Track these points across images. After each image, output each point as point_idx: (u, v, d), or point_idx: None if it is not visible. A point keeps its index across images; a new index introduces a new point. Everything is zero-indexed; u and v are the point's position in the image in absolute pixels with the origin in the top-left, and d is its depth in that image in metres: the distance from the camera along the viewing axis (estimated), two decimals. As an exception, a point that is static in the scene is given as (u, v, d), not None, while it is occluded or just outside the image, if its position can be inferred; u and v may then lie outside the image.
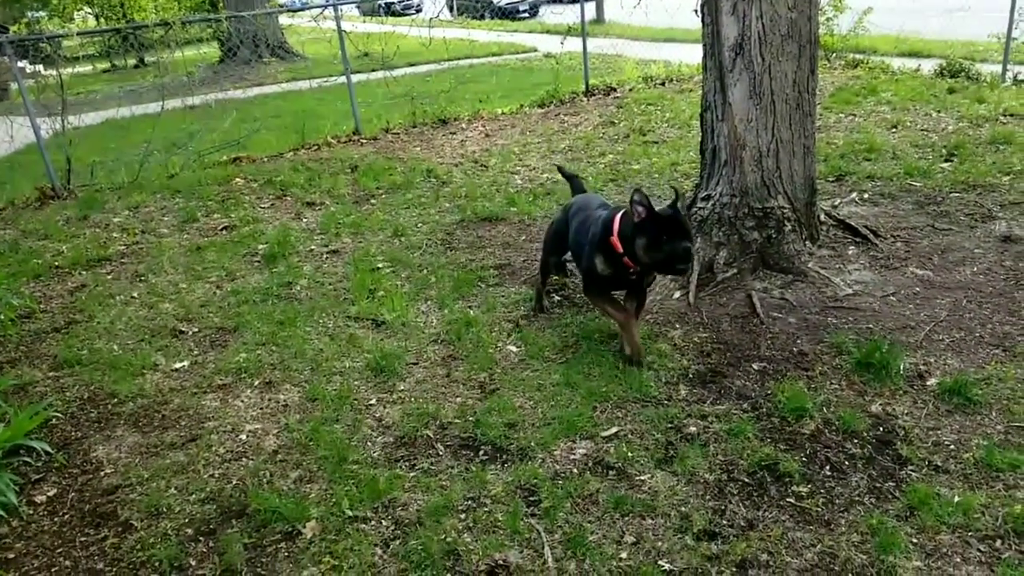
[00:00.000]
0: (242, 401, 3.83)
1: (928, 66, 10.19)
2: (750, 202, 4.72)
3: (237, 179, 7.73)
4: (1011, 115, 7.49)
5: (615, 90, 10.80)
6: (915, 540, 2.61)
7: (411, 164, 7.78)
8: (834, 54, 11.32)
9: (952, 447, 3.04)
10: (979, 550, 2.56)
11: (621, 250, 3.63)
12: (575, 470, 3.10)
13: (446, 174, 7.38)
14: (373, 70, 12.26)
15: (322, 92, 12.94)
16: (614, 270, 3.75)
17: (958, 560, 2.52)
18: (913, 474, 2.91)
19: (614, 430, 3.33)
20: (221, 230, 6.35)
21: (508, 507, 2.92)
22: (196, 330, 4.62)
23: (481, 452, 3.28)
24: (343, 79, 10.01)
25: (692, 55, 7.45)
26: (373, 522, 2.93)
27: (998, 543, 2.58)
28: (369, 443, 3.41)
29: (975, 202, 5.48)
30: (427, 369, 3.97)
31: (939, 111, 7.93)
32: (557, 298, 4.63)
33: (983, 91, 8.54)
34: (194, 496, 3.16)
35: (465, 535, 2.81)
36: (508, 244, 5.55)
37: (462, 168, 7.61)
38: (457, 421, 3.49)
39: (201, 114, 11.14)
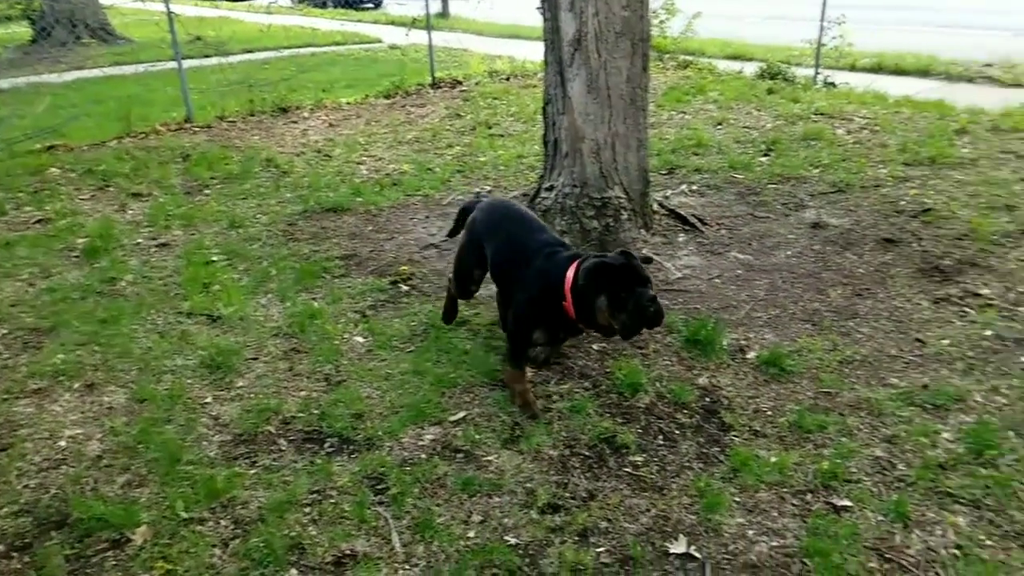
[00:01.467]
0: (60, 405, 3.52)
1: (750, 69, 10.99)
2: (590, 192, 4.91)
3: (52, 169, 7.08)
4: (821, 114, 8.23)
5: (461, 83, 10.86)
6: (738, 499, 2.83)
7: (249, 153, 7.45)
8: (667, 55, 11.96)
9: (769, 413, 3.32)
10: (793, 504, 2.81)
11: (574, 316, 3.04)
12: (423, 456, 3.11)
13: (287, 164, 7.13)
14: (206, 55, 11.60)
15: (149, 77, 12.09)
16: (559, 330, 3.26)
17: (775, 514, 2.76)
18: (736, 439, 3.15)
19: (462, 414, 3.36)
20: (34, 223, 5.80)
21: (355, 497, 2.88)
22: (5, 332, 4.20)
23: (327, 444, 3.21)
24: (173, 64, 9.41)
25: (536, 52, 7.62)
26: (211, 523, 2.79)
27: (809, 497, 2.85)
28: (205, 442, 3.24)
29: (789, 192, 5.98)
30: (268, 364, 3.83)
31: (759, 110, 8.58)
32: (405, 288, 4.60)
33: (798, 92, 9.33)
34: (6, 510, 2.87)
35: (310, 528, 2.74)
36: (354, 235, 5.45)
37: (304, 158, 7.38)
38: (301, 415, 3.39)
39: (9, 98, 10.12)
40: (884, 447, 3.10)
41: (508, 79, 11.17)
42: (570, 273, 3.01)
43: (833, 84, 9.92)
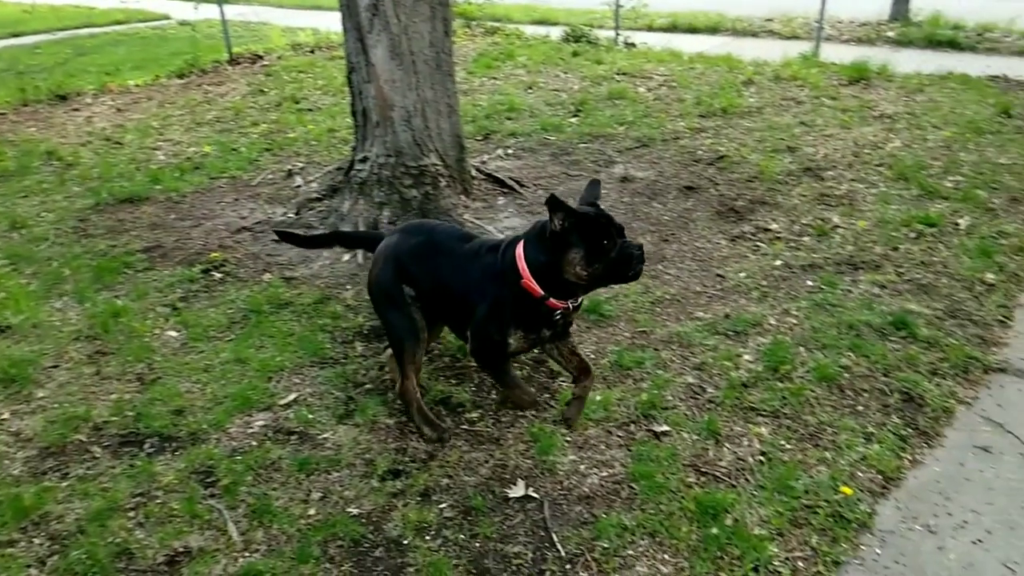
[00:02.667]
0: None
1: (556, 32, 11.30)
2: (405, 161, 4.87)
3: None
4: (623, 74, 8.63)
5: (262, 58, 10.36)
6: (569, 439, 2.97)
7: (25, 147, 6.73)
8: (474, 22, 12.03)
9: (592, 356, 3.49)
10: (618, 436, 2.99)
11: (541, 292, 2.66)
12: (254, 443, 3.00)
13: (72, 155, 6.51)
14: (-40, 41, 10.30)
15: None
16: (533, 325, 2.77)
17: (603, 447, 2.93)
18: (564, 384, 3.29)
19: (292, 396, 3.27)
20: None
21: (183, 494, 2.73)
22: None
23: (146, 445, 3.01)
24: (-80, 51, 8.27)
25: (339, 23, 7.40)
26: (22, 543, 2.55)
27: (632, 427, 3.04)
28: (7, 461, 2.94)
29: (599, 150, 6.25)
30: (71, 370, 3.52)
31: (567, 72, 8.86)
32: (218, 276, 4.37)
33: (601, 54, 9.71)
34: None
35: (137, 532, 2.58)
36: (156, 225, 5.09)
37: (91, 147, 6.77)
38: (114, 419, 3.16)
39: None
40: (695, 374, 3.36)
41: (312, 51, 10.80)
42: (519, 249, 2.69)
43: (633, 44, 10.42)
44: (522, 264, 2.66)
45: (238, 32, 11.43)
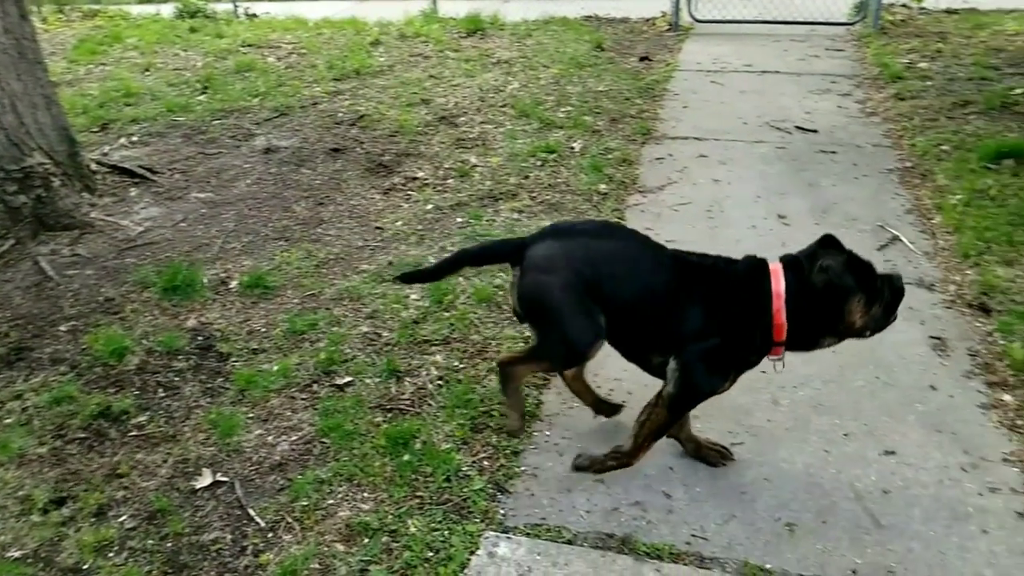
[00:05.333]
0: None
1: (167, 10, 10.44)
2: (4, 165, 4.24)
3: None
4: (249, 46, 8.27)
5: None
6: (252, 415, 2.91)
7: None
8: (67, 6, 10.65)
9: (263, 329, 3.42)
10: (303, 399, 2.99)
11: (783, 336, 2.29)
12: None
13: None
14: None
15: None
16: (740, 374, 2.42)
17: (289, 413, 2.91)
18: (237, 363, 3.19)
19: (-94, 456, 2.75)
20: None
21: None
22: None
23: None
24: None
25: None
26: None
27: (315, 387, 3.06)
28: None
29: (235, 125, 5.99)
30: None
31: (186, 50, 8.27)
32: None
33: (221, 27, 9.19)
34: None
35: None
36: None
37: None
38: None
39: None
40: (368, 323, 3.46)
41: None
42: (778, 285, 2.27)
43: (255, 15, 10.01)
44: (780, 301, 2.26)
45: None
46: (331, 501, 2.50)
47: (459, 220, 4.40)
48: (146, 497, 2.54)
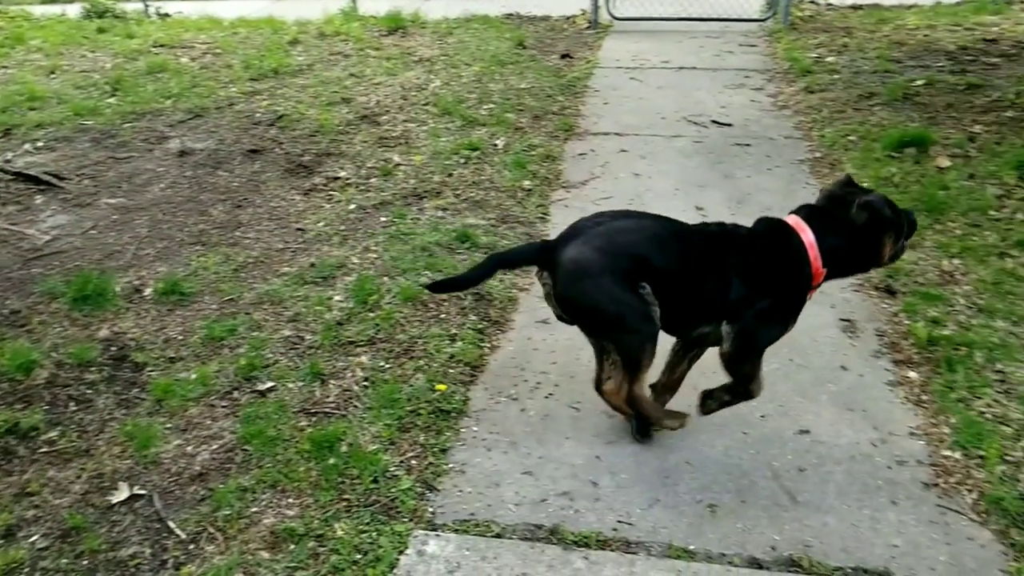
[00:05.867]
0: None
1: (73, 10, 10.01)
2: None
3: None
4: (161, 46, 8.01)
5: None
6: (170, 425, 2.82)
7: None
8: (-39, 6, 10.12)
9: (180, 337, 3.32)
10: (223, 406, 2.92)
11: (821, 279, 2.50)
12: None
13: None
14: None
15: None
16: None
17: (208, 421, 2.84)
18: (153, 373, 3.09)
19: None
20: None
21: None
22: None
23: None
24: None
25: None
26: None
27: (235, 394, 2.99)
28: None
29: (147, 127, 5.79)
30: None
31: (94, 51, 7.95)
32: None
33: (131, 27, 8.88)
34: None
35: None
36: None
37: None
38: None
39: None
40: (291, 326, 3.40)
41: None
42: (807, 236, 2.46)
43: (167, 15, 9.70)
44: (814, 251, 2.45)
45: None
46: (255, 509, 2.44)
47: (383, 219, 4.36)
48: (59, 515, 2.43)
